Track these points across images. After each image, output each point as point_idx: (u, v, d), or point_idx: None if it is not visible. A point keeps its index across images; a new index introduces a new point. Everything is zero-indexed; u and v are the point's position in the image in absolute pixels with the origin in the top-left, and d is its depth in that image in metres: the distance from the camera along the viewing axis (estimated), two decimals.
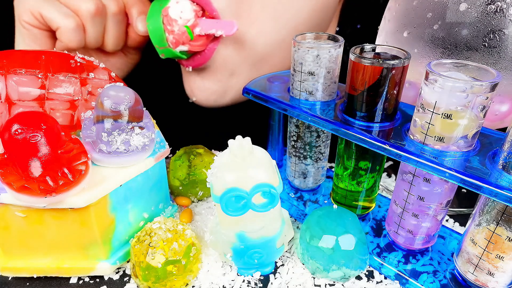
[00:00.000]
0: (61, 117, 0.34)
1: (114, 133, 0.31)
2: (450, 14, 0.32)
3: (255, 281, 0.34)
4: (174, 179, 0.42)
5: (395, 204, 0.33)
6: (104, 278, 0.34)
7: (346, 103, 0.32)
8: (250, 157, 0.29)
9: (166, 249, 0.31)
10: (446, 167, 0.26)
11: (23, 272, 0.33)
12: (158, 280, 0.31)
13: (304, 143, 0.39)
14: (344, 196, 0.38)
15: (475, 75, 0.26)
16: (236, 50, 0.43)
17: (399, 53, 0.30)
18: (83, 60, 0.36)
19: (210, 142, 0.50)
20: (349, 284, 0.33)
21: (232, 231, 0.32)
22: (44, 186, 0.27)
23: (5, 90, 0.32)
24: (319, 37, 0.35)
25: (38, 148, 0.28)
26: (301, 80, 0.34)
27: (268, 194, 0.29)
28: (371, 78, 0.29)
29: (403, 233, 0.33)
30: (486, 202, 0.28)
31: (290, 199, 0.42)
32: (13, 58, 0.33)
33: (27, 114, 0.29)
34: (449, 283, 0.32)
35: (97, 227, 0.31)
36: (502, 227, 0.27)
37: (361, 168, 0.35)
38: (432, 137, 0.27)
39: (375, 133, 0.30)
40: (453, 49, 0.32)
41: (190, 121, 0.58)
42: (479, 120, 0.26)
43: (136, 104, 0.32)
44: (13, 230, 0.31)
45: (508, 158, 0.25)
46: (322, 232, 0.33)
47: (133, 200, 0.34)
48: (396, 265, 0.34)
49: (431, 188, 0.30)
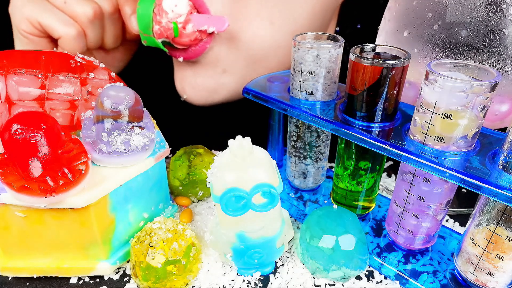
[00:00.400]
0: (61, 117, 0.34)
1: (114, 133, 0.31)
2: (450, 14, 0.32)
3: (255, 281, 0.34)
4: (174, 179, 0.42)
5: (395, 204, 0.33)
6: (104, 278, 0.34)
7: (346, 103, 0.32)
8: (250, 157, 0.29)
9: (166, 249, 0.31)
10: (446, 167, 0.26)
11: (23, 272, 0.33)
12: (158, 280, 0.31)
13: (304, 143, 0.39)
14: (344, 196, 0.38)
15: (475, 75, 0.26)
16: (230, 49, 0.42)
17: (399, 53, 0.30)
18: (83, 60, 0.36)
19: (210, 142, 0.50)
20: (349, 284, 0.33)
21: (232, 231, 0.32)
22: (44, 186, 0.27)
23: (5, 90, 0.32)
24: (319, 37, 0.35)
25: (38, 148, 0.28)
26: (301, 80, 0.34)
27: (268, 194, 0.29)
28: (371, 78, 0.29)
29: (403, 233, 0.33)
30: (486, 202, 0.28)
31: (290, 199, 0.42)
32: (13, 58, 0.33)
33: (27, 114, 0.29)
34: (449, 283, 0.32)
35: (97, 227, 0.31)
36: (502, 227, 0.27)
37: (361, 168, 0.35)
38: (432, 137, 0.27)
39: (375, 133, 0.30)
40: (453, 49, 0.32)
41: (190, 121, 0.58)
42: (479, 120, 0.26)
43: (136, 104, 0.32)
44: (13, 230, 0.31)
45: (508, 158, 0.25)
46: (322, 232, 0.33)
47: (133, 200, 0.34)
48: (396, 265, 0.34)
49: (431, 188, 0.30)
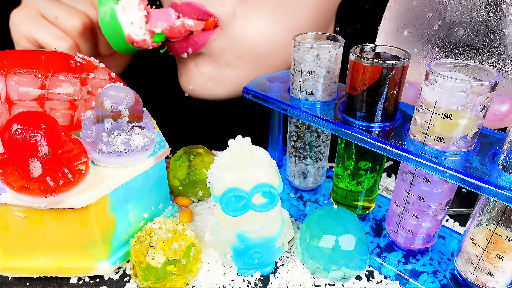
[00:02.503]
0: (61, 117, 0.34)
1: (114, 133, 0.31)
2: (450, 14, 0.32)
3: (255, 281, 0.34)
4: (174, 179, 0.42)
5: (395, 204, 0.33)
6: (104, 278, 0.34)
7: (346, 103, 0.32)
8: (250, 157, 0.29)
9: (166, 249, 0.31)
10: (446, 167, 0.26)
11: (23, 272, 0.33)
12: (158, 280, 0.31)
13: (304, 143, 0.39)
14: (344, 196, 0.38)
15: (475, 75, 0.26)
16: (234, 45, 0.43)
17: (399, 53, 0.30)
18: (83, 60, 0.36)
19: (210, 142, 0.50)
20: (349, 284, 0.33)
21: (232, 231, 0.32)
22: (44, 186, 0.27)
23: (5, 90, 0.32)
24: (319, 37, 0.35)
25: (38, 148, 0.28)
26: (301, 80, 0.34)
27: (268, 194, 0.29)
28: (371, 78, 0.29)
29: (403, 233, 0.33)
30: (486, 202, 0.28)
31: (290, 199, 0.42)
32: (13, 58, 0.33)
33: (27, 114, 0.29)
34: (449, 283, 0.32)
35: (97, 227, 0.31)
36: (502, 227, 0.27)
37: (361, 168, 0.35)
38: (432, 137, 0.27)
39: (375, 133, 0.30)
40: (453, 49, 0.32)
41: (190, 121, 0.58)
42: (479, 120, 0.26)
43: (136, 104, 0.32)
44: (13, 230, 0.31)
45: (508, 158, 0.25)
46: (322, 232, 0.33)
47: (133, 200, 0.34)
48: (396, 265, 0.34)
49: (431, 188, 0.30)
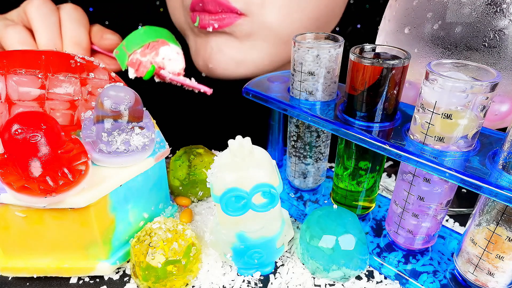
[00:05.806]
0: (61, 117, 0.34)
1: (114, 133, 0.31)
2: (450, 14, 0.32)
3: (255, 281, 0.34)
4: (174, 179, 0.42)
5: (395, 204, 0.33)
6: (104, 278, 0.34)
7: (346, 103, 0.32)
8: (250, 157, 0.29)
9: (166, 249, 0.31)
10: (446, 167, 0.26)
11: (23, 272, 0.33)
12: (158, 280, 0.31)
13: (304, 143, 0.39)
14: (344, 196, 0.38)
15: (475, 75, 0.26)
16: (260, 29, 0.44)
17: (399, 53, 0.30)
18: (83, 60, 0.36)
19: (210, 142, 0.50)
20: (349, 284, 0.33)
21: (232, 231, 0.32)
22: (44, 186, 0.27)
23: (5, 90, 0.32)
24: (319, 37, 0.35)
25: (38, 148, 0.28)
26: (301, 80, 0.34)
27: (268, 194, 0.29)
28: (371, 78, 0.29)
29: (403, 233, 0.33)
30: (486, 202, 0.28)
31: (290, 199, 0.42)
32: (13, 58, 0.33)
33: (27, 114, 0.29)
34: (449, 283, 0.32)
35: (97, 227, 0.31)
36: (502, 227, 0.27)
37: (361, 168, 0.35)
38: (432, 137, 0.27)
39: (375, 133, 0.30)
40: (453, 49, 0.32)
41: (190, 121, 0.58)
42: (479, 120, 0.26)
43: (136, 104, 0.32)
44: (13, 230, 0.31)
45: (508, 158, 0.25)
46: (322, 232, 0.33)
47: (133, 200, 0.34)
48: (396, 265, 0.34)
49: (431, 188, 0.30)
